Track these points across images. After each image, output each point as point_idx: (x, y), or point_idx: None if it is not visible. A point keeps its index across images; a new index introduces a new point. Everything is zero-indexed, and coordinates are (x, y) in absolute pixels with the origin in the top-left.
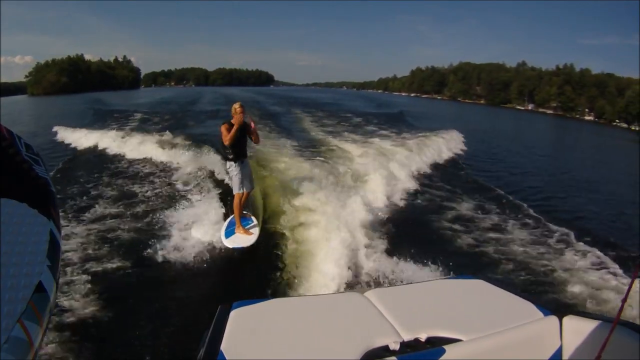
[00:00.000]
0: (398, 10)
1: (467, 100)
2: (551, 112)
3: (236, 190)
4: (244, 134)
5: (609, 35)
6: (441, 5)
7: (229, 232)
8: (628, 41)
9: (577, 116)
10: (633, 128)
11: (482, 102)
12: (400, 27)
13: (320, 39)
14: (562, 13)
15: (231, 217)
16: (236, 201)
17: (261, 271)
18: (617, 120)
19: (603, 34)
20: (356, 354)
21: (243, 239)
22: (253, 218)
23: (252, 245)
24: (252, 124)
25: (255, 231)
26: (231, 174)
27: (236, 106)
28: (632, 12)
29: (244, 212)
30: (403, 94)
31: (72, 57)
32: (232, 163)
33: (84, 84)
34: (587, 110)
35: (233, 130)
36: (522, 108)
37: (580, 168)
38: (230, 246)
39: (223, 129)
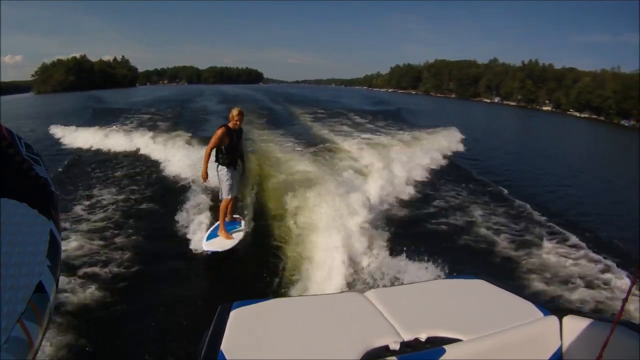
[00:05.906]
0: (387, 9)
1: (439, 95)
2: (514, 104)
3: (224, 196)
4: (239, 140)
5: (597, 33)
6: (431, 4)
7: (212, 235)
8: (616, 39)
9: (537, 107)
10: (580, 115)
11: (453, 96)
12: (388, 26)
13: (311, 38)
14: (550, 12)
15: (218, 222)
16: (223, 205)
17: (261, 271)
18: (570, 110)
19: (588, 32)
20: (356, 354)
21: (222, 243)
22: (242, 222)
23: (229, 250)
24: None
25: (238, 236)
26: (221, 178)
27: (234, 112)
28: (620, 12)
29: (235, 216)
30: (382, 90)
31: (77, 58)
32: (225, 167)
33: (88, 82)
34: (546, 101)
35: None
36: (489, 101)
37: (577, 166)
38: (206, 249)
39: (220, 132)
